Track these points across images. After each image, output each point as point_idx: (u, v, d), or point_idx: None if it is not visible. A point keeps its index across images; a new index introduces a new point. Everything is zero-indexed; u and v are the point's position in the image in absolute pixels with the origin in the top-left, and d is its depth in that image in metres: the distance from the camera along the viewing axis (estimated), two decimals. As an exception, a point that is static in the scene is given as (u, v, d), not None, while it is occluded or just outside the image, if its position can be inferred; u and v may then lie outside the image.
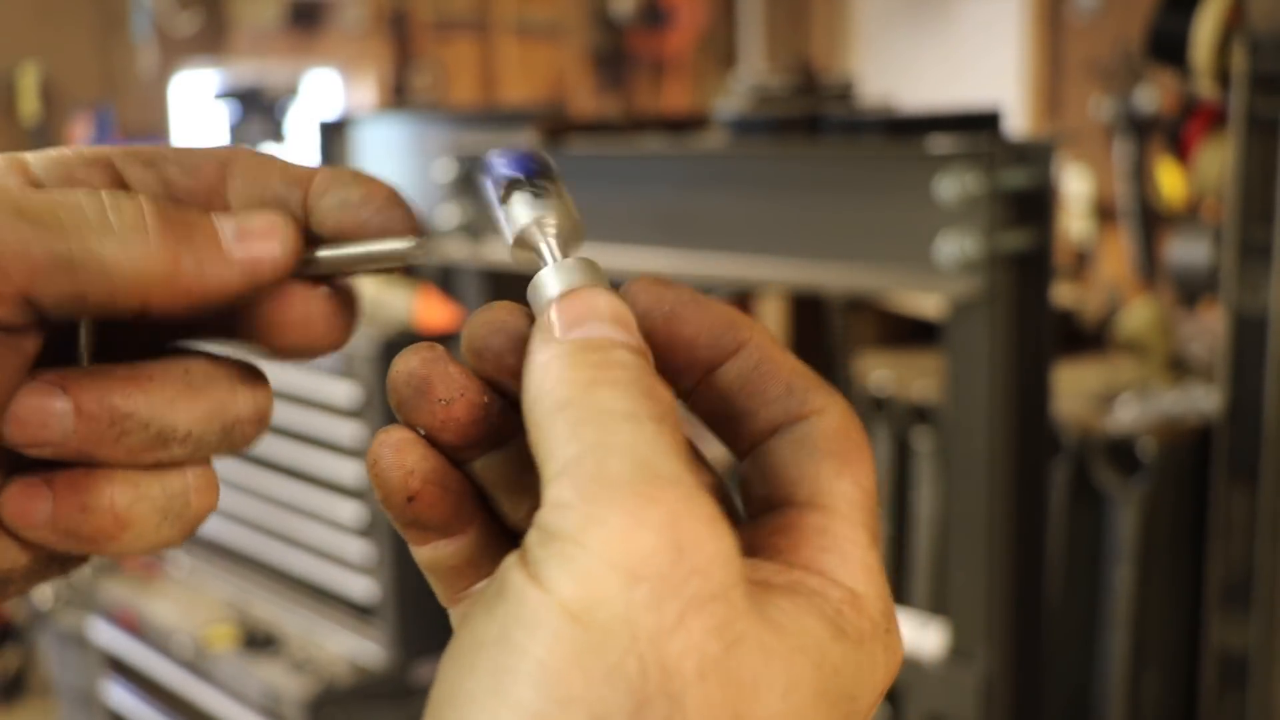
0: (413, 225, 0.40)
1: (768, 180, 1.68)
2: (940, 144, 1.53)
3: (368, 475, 0.40)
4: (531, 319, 0.38)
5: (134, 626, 2.62)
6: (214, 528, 2.63)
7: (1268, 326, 1.57)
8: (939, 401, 1.95)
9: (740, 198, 1.69)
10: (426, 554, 0.41)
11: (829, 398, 0.39)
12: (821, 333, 2.36)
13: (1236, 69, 1.58)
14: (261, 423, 0.42)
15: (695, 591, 0.31)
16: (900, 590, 2.16)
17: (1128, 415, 1.94)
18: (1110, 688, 1.89)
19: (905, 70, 5.79)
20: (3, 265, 0.34)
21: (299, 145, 5.37)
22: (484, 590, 0.34)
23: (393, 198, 0.41)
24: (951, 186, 1.46)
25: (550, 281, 0.39)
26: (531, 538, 0.33)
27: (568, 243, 0.41)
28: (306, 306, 0.40)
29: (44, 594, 2.99)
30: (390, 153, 3.27)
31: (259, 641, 2.40)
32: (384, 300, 2.39)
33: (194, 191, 0.40)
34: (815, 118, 1.79)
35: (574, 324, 0.36)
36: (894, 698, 1.88)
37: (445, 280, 2.37)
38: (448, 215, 1.95)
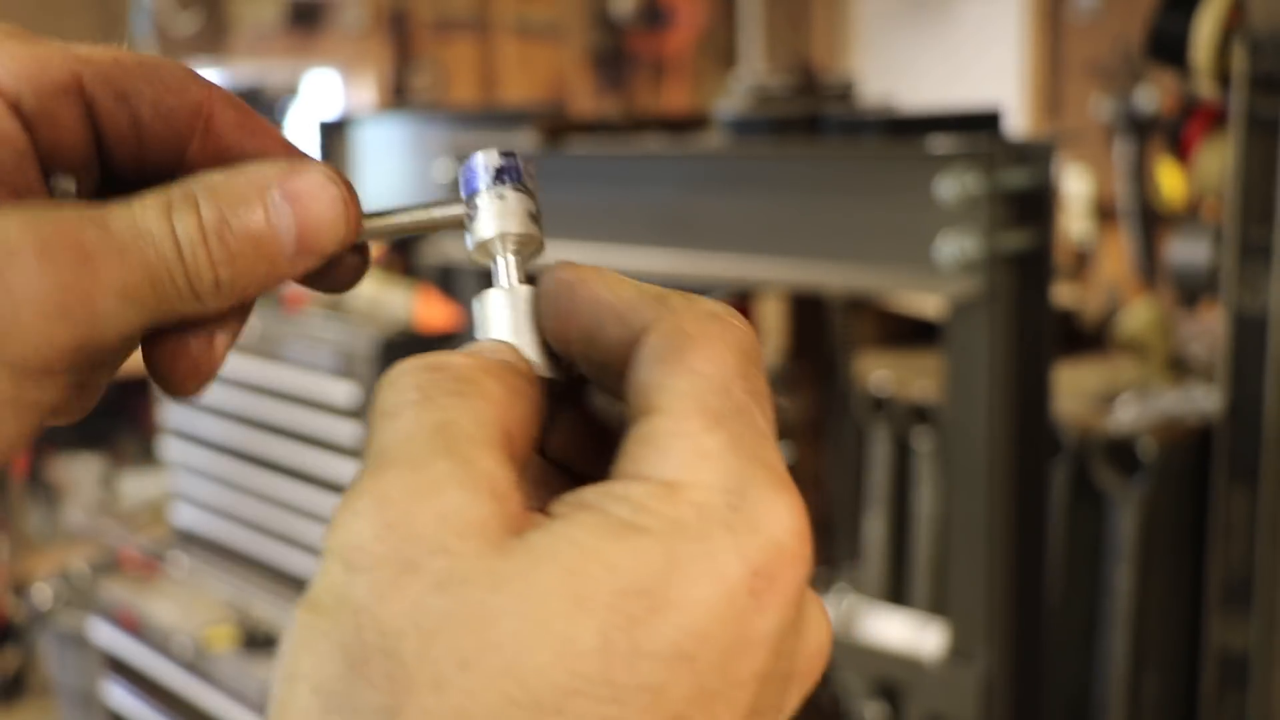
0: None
1: (768, 180, 1.68)
2: (940, 144, 1.53)
3: None
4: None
5: (134, 626, 2.62)
6: (214, 528, 2.63)
7: (1268, 326, 1.57)
8: (939, 401, 1.95)
9: (740, 198, 1.69)
10: None
11: (659, 308, 0.36)
12: (821, 333, 2.36)
13: (1237, 69, 1.58)
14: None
15: (409, 556, 0.31)
16: (900, 590, 2.16)
17: (1128, 415, 1.94)
18: (1110, 688, 1.89)
19: (905, 70, 5.79)
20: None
21: (299, 145, 5.36)
22: None
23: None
24: (951, 186, 1.46)
25: (488, 310, 0.40)
26: None
27: (528, 257, 0.41)
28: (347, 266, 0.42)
29: (44, 594, 2.99)
30: (390, 153, 3.27)
31: (259, 641, 2.40)
32: (384, 300, 2.39)
33: (163, 138, 0.40)
34: (815, 118, 1.79)
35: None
36: (894, 698, 1.88)
37: (445, 280, 2.37)
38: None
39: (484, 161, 0.41)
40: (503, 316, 0.40)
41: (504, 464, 0.34)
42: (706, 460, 0.33)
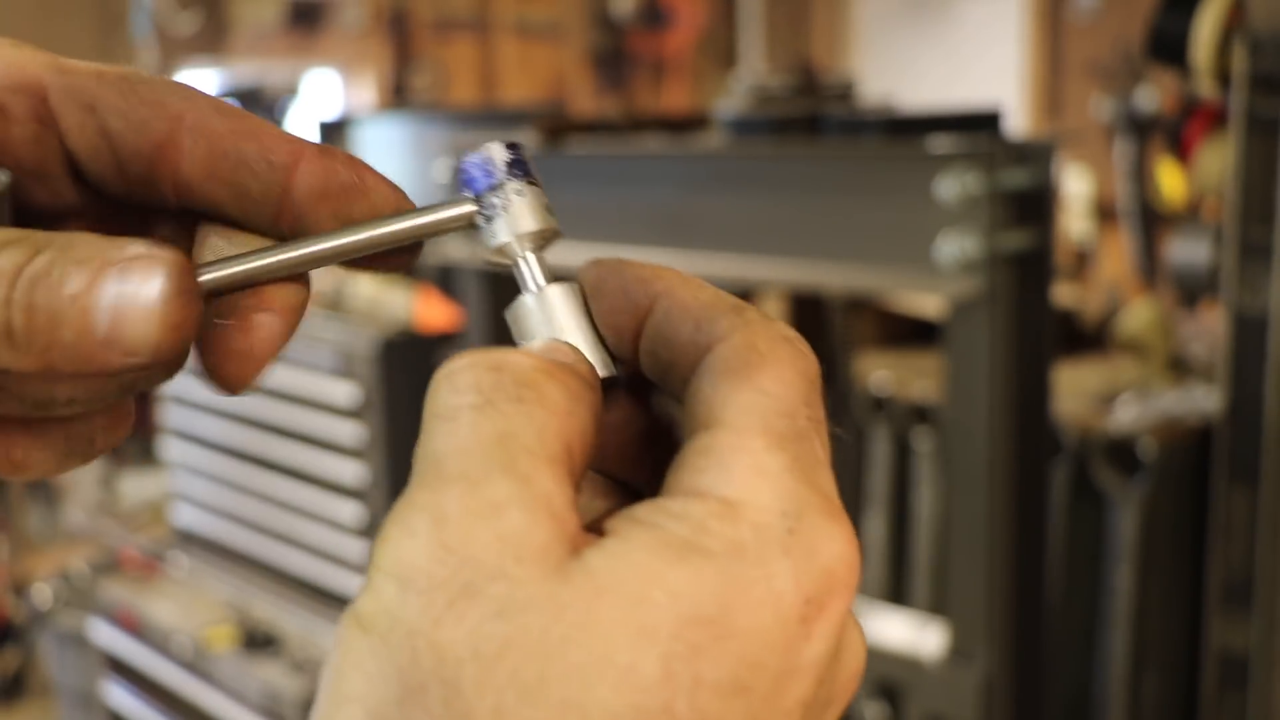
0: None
1: (768, 180, 1.68)
2: (940, 144, 1.53)
3: None
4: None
5: (134, 627, 2.62)
6: (214, 528, 2.63)
7: (1268, 326, 1.57)
8: (939, 401, 1.95)
9: (740, 198, 1.69)
10: None
11: (736, 319, 0.36)
12: (821, 333, 2.36)
13: (1237, 69, 1.58)
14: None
15: (468, 579, 0.30)
16: (900, 590, 2.16)
17: (1128, 415, 1.94)
18: (1110, 688, 1.89)
19: (905, 70, 5.79)
20: None
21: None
22: None
23: (392, 197, 0.40)
24: (951, 186, 1.46)
25: (536, 314, 0.38)
26: None
27: (545, 250, 0.40)
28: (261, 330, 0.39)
29: (44, 594, 2.99)
30: (390, 153, 3.27)
31: (259, 641, 2.40)
32: (383, 300, 2.39)
33: (140, 151, 0.38)
34: (815, 118, 1.79)
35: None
36: (894, 698, 1.88)
37: (445, 280, 2.37)
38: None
39: (495, 156, 0.40)
40: (556, 315, 0.38)
41: (563, 481, 0.33)
42: (766, 480, 0.33)
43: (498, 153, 0.40)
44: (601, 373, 0.38)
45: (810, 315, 2.35)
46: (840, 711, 0.35)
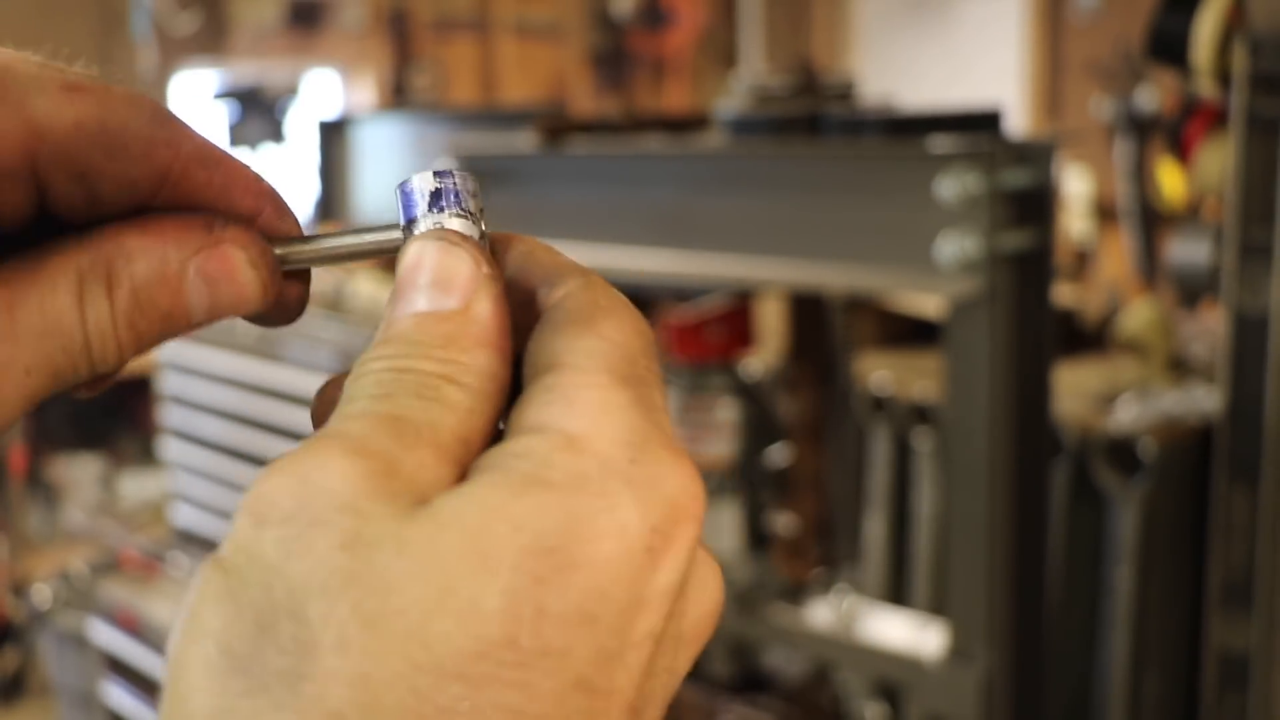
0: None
1: (768, 180, 1.68)
2: (940, 144, 1.53)
3: None
4: None
5: (134, 627, 2.62)
6: (214, 528, 2.63)
7: (1268, 326, 1.57)
8: (939, 401, 1.95)
9: (740, 198, 1.69)
10: None
11: (581, 279, 0.37)
12: (821, 333, 2.36)
13: (1237, 69, 1.58)
14: None
15: (317, 513, 0.31)
16: (900, 590, 2.16)
17: (1128, 415, 1.94)
18: (1110, 688, 1.89)
19: (906, 70, 5.79)
20: None
21: (299, 145, 5.36)
22: None
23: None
24: (952, 186, 1.45)
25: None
26: None
27: None
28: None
29: (44, 594, 2.99)
30: (390, 153, 3.27)
31: (259, 641, 2.40)
32: (383, 299, 2.39)
33: (120, 202, 0.38)
34: (815, 118, 1.79)
35: (399, 294, 0.37)
36: (894, 698, 1.88)
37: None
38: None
39: (418, 186, 0.39)
40: None
41: (444, 466, 0.33)
42: (608, 414, 0.33)
43: (426, 182, 0.39)
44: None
45: (810, 315, 2.35)
46: (695, 653, 0.35)
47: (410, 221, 0.39)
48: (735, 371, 2.10)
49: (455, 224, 0.39)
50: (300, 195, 3.64)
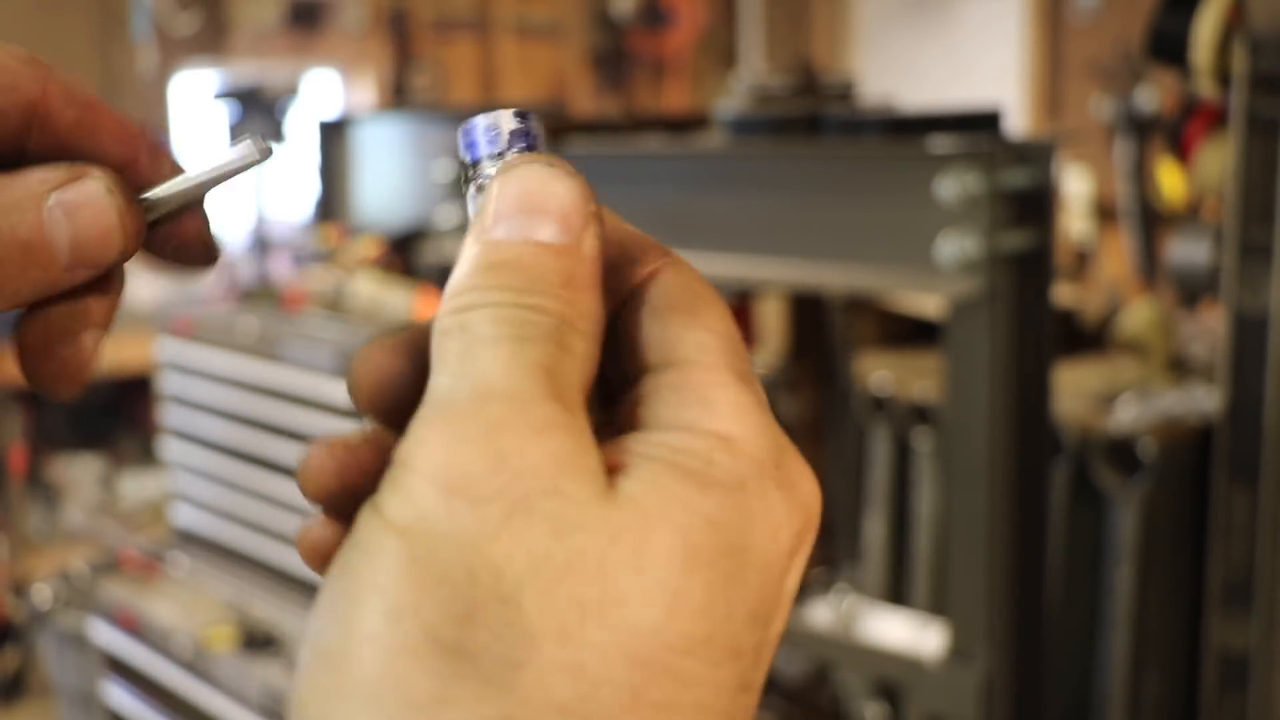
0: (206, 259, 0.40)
1: (768, 180, 1.68)
2: (940, 144, 1.53)
3: (348, 385, 0.39)
4: (417, 352, 0.37)
5: (134, 626, 2.62)
6: (214, 528, 2.63)
7: (1268, 326, 1.57)
8: (939, 401, 1.95)
9: (740, 198, 1.69)
10: None
11: (665, 255, 0.37)
12: (821, 333, 2.36)
13: (1237, 69, 1.58)
14: None
15: (521, 493, 0.30)
16: (900, 590, 2.16)
17: (1128, 415, 1.94)
18: (1110, 688, 1.89)
19: (906, 70, 5.79)
20: None
21: (299, 145, 5.37)
22: None
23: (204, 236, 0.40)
24: (951, 186, 1.45)
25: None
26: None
27: None
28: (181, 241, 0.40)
29: (44, 594, 2.99)
30: (390, 153, 3.27)
31: (259, 641, 2.40)
32: (384, 300, 2.39)
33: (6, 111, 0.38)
34: (815, 118, 1.79)
35: (505, 216, 0.35)
36: (894, 698, 1.88)
37: (444, 280, 2.36)
38: (448, 215, 1.95)
39: (496, 123, 0.38)
40: None
41: (589, 423, 0.33)
42: (747, 415, 0.33)
43: (506, 120, 0.38)
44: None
45: (810, 315, 2.35)
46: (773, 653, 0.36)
47: (479, 160, 0.38)
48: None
49: None
50: (300, 195, 3.64)
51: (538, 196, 0.34)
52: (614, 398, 0.36)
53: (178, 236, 0.40)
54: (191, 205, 0.40)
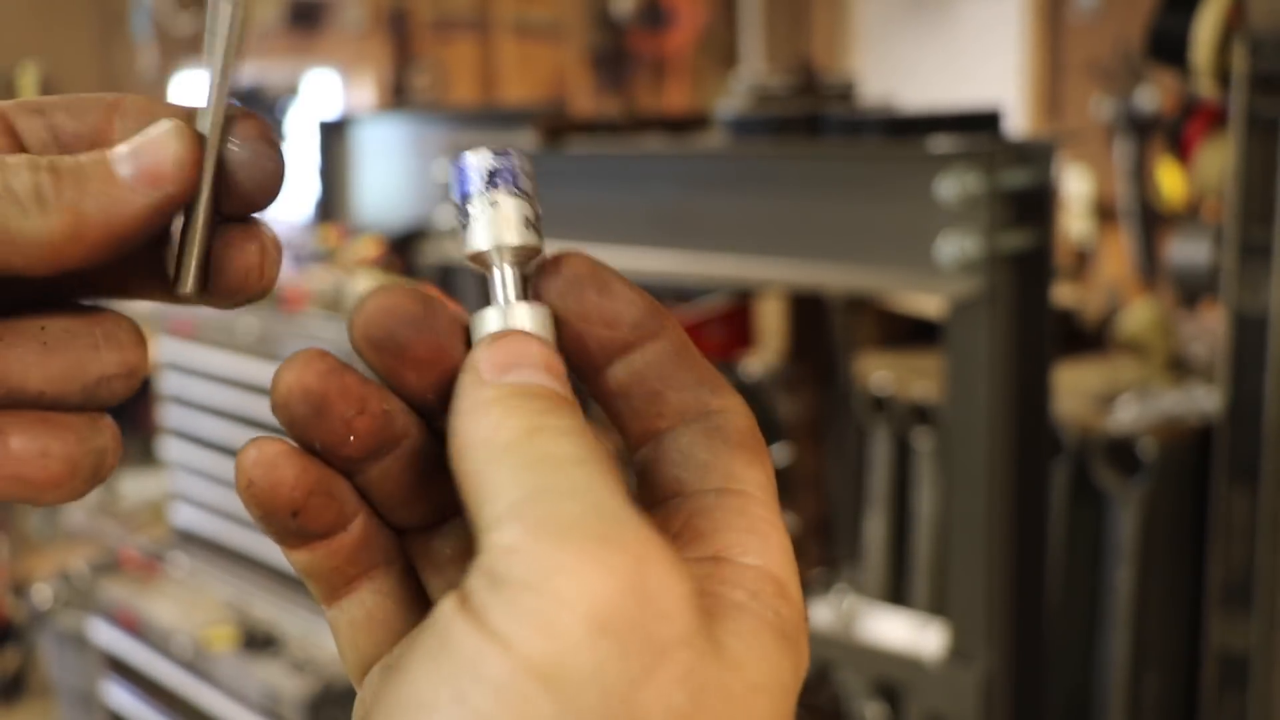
0: (278, 158, 0.40)
1: (768, 180, 1.68)
2: (940, 144, 1.53)
3: (239, 495, 0.37)
4: (431, 306, 0.37)
5: (134, 626, 2.62)
6: (214, 528, 2.63)
7: (1268, 326, 1.57)
8: (939, 401, 1.95)
9: (740, 198, 1.69)
10: (304, 558, 0.38)
11: (735, 396, 0.39)
12: (821, 333, 2.36)
13: (1237, 69, 1.58)
14: (131, 379, 0.39)
15: (662, 640, 0.30)
16: (900, 590, 2.16)
17: (1128, 415, 1.94)
18: (1110, 688, 1.89)
19: (906, 70, 5.79)
20: None
21: (299, 145, 5.37)
22: (418, 638, 0.32)
23: (265, 133, 0.40)
24: (952, 186, 1.45)
25: (493, 324, 0.37)
26: (476, 584, 0.30)
27: (524, 264, 0.39)
28: (241, 250, 0.39)
29: (44, 594, 2.99)
30: (390, 152, 3.27)
31: (259, 641, 2.40)
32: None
33: (81, 135, 0.39)
34: (815, 118, 1.79)
35: (503, 368, 0.35)
36: (894, 698, 1.88)
37: (444, 280, 2.37)
38: (448, 215, 1.95)
39: (476, 163, 0.39)
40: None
41: None
42: (791, 561, 0.36)
43: (484, 160, 0.39)
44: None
45: (810, 315, 2.35)
46: None
47: (465, 197, 0.39)
48: (735, 371, 2.10)
49: (510, 204, 0.38)
50: (300, 195, 3.64)
51: (530, 353, 0.36)
52: None
53: (240, 136, 0.39)
54: (233, 110, 0.40)
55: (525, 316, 0.37)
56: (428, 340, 0.37)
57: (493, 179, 0.39)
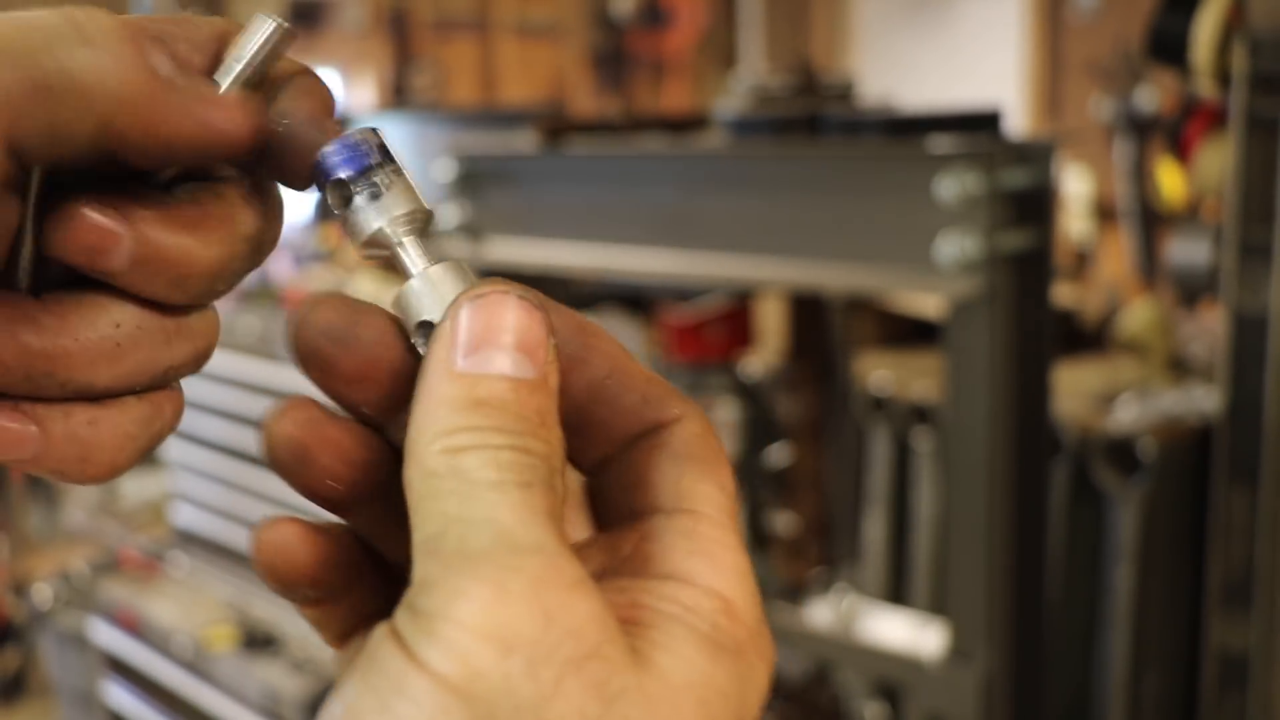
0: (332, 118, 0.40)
1: (768, 180, 1.68)
2: (940, 144, 1.53)
3: (257, 572, 0.39)
4: (354, 314, 0.37)
5: (134, 626, 2.62)
6: (214, 528, 2.63)
7: (1268, 326, 1.57)
8: (939, 401, 1.95)
9: (740, 198, 1.69)
10: (315, 614, 0.40)
11: (685, 405, 0.39)
12: (821, 333, 2.36)
13: (1236, 69, 1.58)
14: (199, 363, 0.39)
15: (569, 654, 0.31)
16: (900, 590, 2.16)
17: (1128, 415, 1.94)
18: (1110, 688, 1.89)
19: (906, 70, 5.79)
20: None
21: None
22: (355, 661, 0.33)
23: (328, 102, 0.41)
24: (951, 186, 1.46)
25: (425, 295, 0.36)
26: (400, 615, 0.32)
27: (423, 235, 0.38)
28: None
29: (44, 594, 2.99)
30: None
31: (259, 641, 2.40)
32: (384, 299, 2.39)
33: (202, 67, 0.38)
34: (815, 118, 1.79)
35: (475, 347, 0.35)
36: (894, 698, 1.88)
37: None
38: (448, 215, 1.95)
39: (368, 140, 0.38)
40: (448, 293, 0.36)
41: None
42: (743, 580, 0.36)
43: (370, 136, 0.39)
44: None
45: (810, 315, 2.35)
46: None
47: (367, 169, 0.38)
48: (735, 371, 2.10)
49: (399, 179, 0.38)
50: (300, 195, 3.64)
51: (505, 330, 0.35)
52: None
53: (283, 79, 0.40)
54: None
55: (447, 277, 0.37)
56: (355, 352, 0.37)
57: (382, 153, 0.38)
